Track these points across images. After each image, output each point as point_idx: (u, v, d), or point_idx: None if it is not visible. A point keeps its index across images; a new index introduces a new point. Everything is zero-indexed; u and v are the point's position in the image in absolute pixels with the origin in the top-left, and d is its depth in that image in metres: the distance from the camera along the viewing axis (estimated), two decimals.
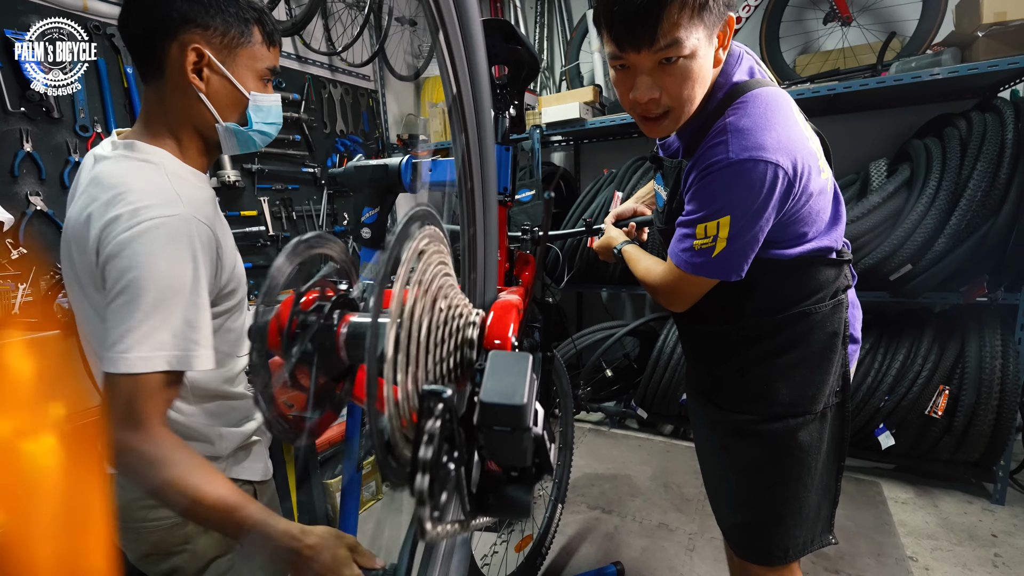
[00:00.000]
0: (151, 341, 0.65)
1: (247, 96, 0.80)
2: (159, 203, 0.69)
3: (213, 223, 0.76)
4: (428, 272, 0.41)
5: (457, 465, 0.32)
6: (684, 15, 0.73)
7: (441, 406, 0.31)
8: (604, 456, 2.64)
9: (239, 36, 0.77)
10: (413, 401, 0.37)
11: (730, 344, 1.00)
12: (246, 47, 0.78)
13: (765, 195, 0.79)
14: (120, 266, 0.66)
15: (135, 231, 0.66)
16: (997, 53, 1.90)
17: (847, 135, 2.64)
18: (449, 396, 0.31)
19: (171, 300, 0.66)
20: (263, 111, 0.82)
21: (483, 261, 0.54)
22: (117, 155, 0.75)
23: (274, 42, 0.83)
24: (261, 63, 0.81)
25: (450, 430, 0.31)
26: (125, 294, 0.65)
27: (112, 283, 0.66)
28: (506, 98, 1.01)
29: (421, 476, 0.28)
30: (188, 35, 0.74)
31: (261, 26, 0.80)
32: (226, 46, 0.76)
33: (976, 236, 1.85)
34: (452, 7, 0.40)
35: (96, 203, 0.69)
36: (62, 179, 1.75)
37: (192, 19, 0.73)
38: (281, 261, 0.42)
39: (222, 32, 0.75)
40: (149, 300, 0.65)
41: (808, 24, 2.69)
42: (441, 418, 0.30)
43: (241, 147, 0.84)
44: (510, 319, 0.43)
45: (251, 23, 0.78)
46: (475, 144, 0.46)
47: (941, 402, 2.01)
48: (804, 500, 1.00)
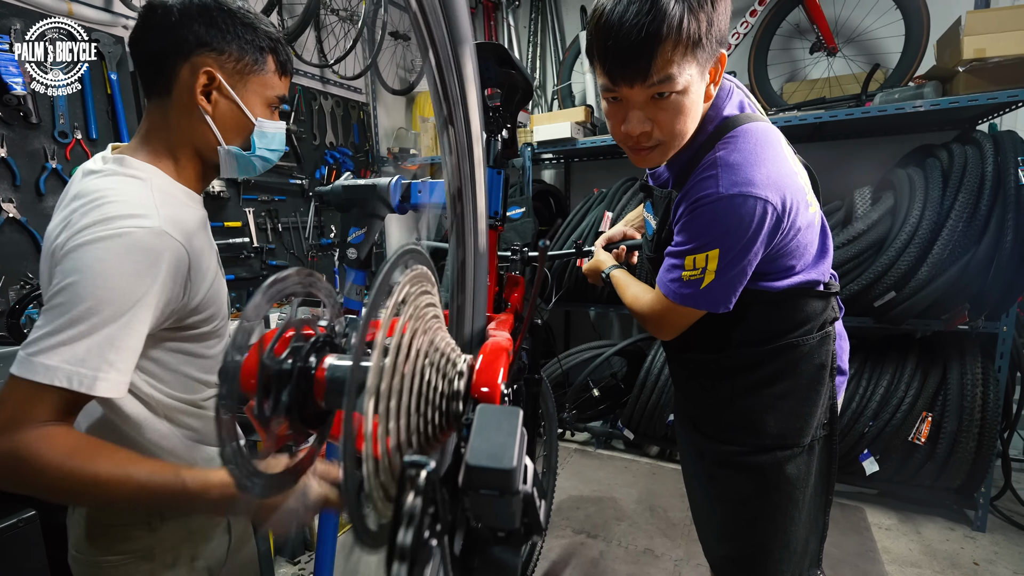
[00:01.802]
0: (63, 352, 0.60)
1: (253, 122, 0.80)
2: (132, 214, 0.67)
3: (191, 242, 0.73)
4: (415, 315, 0.39)
5: (440, 537, 0.30)
6: (677, 52, 0.73)
7: (424, 478, 0.28)
8: (590, 478, 2.60)
9: (252, 63, 0.78)
10: (395, 456, 0.35)
11: (718, 374, 1.00)
12: (258, 75, 0.79)
13: (754, 230, 0.80)
14: (66, 268, 0.63)
15: (95, 236, 0.64)
16: (976, 88, 1.96)
17: (832, 162, 2.69)
18: (433, 469, 0.29)
19: (103, 314, 0.62)
20: (267, 137, 0.83)
21: (472, 289, 0.52)
22: (107, 169, 0.73)
23: (286, 72, 0.84)
24: (271, 91, 0.82)
25: (433, 501, 0.29)
26: (60, 296, 0.62)
27: (55, 284, 0.63)
28: (499, 121, 1.00)
29: (399, 564, 0.26)
30: (202, 58, 0.74)
31: (275, 55, 0.81)
32: (238, 72, 0.77)
33: (958, 266, 1.88)
34: (447, 40, 0.38)
35: (75, 214, 0.67)
36: (37, 186, 1.69)
37: (208, 43, 0.74)
38: (258, 299, 0.39)
39: (236, 58, 0.76)
40: (81, 309, 0.61)
41: (795, 53, 2.76)
42: (423, 494, 0.28)
43: (241, 171, 0.84)
44: (499, 364, 0.41)
45: (266, 51, 0.79)
46: (467, 184, 0.44)
47: (924, 428, 2.03)
48: (791, 534, 0.99)
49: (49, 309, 0.62)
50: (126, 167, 0.74)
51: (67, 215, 0.68)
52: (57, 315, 0.61)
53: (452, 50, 0.42)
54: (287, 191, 2.66)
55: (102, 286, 0.62)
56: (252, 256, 2.45)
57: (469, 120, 0.45)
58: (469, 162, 0.46)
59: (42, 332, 0.61)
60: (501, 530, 0.34)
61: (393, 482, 0.35)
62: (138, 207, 0.68)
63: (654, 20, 0.71)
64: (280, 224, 2.60)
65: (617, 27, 0.73)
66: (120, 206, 0.67)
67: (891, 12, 2.38)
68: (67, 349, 0.60)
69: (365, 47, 3.03)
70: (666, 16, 0.71)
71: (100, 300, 0.62)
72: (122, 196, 0.68)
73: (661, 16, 0.71)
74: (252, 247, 2.45)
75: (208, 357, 0.81)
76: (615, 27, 0.73)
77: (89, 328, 0.61)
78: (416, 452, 0.38)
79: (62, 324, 0.61)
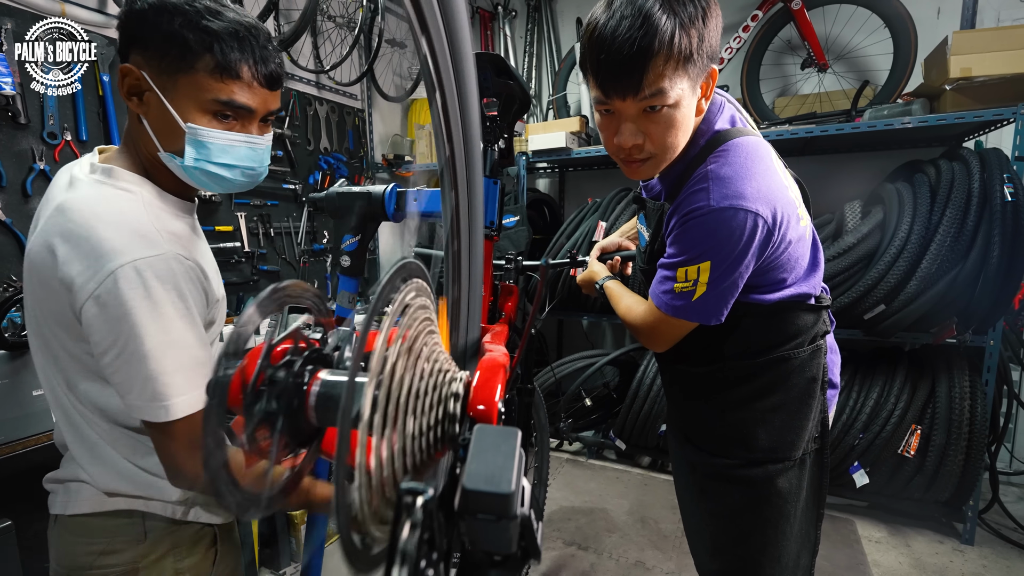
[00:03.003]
0: (177, 383, 0.66)
1: (182, 127, 0.71)
2: (137, 244, 0.66)
3: (192, 255, 0.72)
4: (412, 329, 0.38)
5: (436, 566, 0.29)
6: (669, 66, 0.74)
7: (420, 506, 0.27)
8: (581, 488, 2.59)
9: (178, 60, 0.69)
10: (387, 473, 0.34)
11: (710, 386, 1.00)
12: (187, 74, 0.70)
13: (745, 243, 0.80)
14: (110, 316, 0.63)
15: (115, 276, 0.63)
16: (963, 106, 2.00)
17: (822, 175, 2.73)
18: (430, 497, 0.28)
19: (174, 342, 0.66)
20: (207, 148, 0.72)
21: (467, 303, 0.51)
22: (93, 180, 0.71)
23: (233, 74, 0.71)
24: (207, 94, 0.70)
25: (430, 530, 0.28)
26: (123, 346, 0.64)
27: (103, 335, 0.64)
28: (496, 131, 1.00)
29: None
30: (133, 56, 0.71)
31: (213, 54, 0.69)
32: (164, 70, 0.69)
33: (945, 280, 1.90)
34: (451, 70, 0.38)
35: (62, 238, 0.65)
36: (24, 187, 1.66)
37: (137, 39, 0.70)
38: (251, 311, 0.38)
39: (160, 54, 0.69)
40: (152, 346, 0.64)
41: (787, 68, 2.80)
42: (420, 524, 0.27)
43: (196, 183, 0.77)
44: (496, 382, 0.40)
45: (196, 49, 0.69)
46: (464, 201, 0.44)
47: (913, 441, 2.04)
48: (783, 548, 0.99)
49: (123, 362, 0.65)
50: (114, 179, 0.71)
51: (52, 233, 0.66)
52: (137, 362, 0.64)
53: (457, 86, 0.42)
54: (280, 196, 2.64)
55: (155, 319, 0.65)
56: (243, 261, 2.43)
57: (470, 158, 0.45)
58: (468, 199, 0.47)
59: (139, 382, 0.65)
60: (498, 554, 0.33)
61: (386, 506, 0.34)
62: (138, 234, 0.67)
63: (646, 35, 0.72)
64: (272, 229, 2.58)
65: (610, 41, 0.74)
66: (119, 236, 0.65)
67: (880, 30, 2.43)
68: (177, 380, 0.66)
69: (361, 54, 3.03)
70: (658, 31, 0.72)
71: (162, 331, 0.66)
72: (115, 219, 0.67)
73: (653, 31, 0.72)
74: (243, 251, 2.42)
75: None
76: (608, 41, 0.74)
77: (175, 358, 0.66)
78: (411, 471, 0.37)
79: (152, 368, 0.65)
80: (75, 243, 0.64)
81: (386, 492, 0.33)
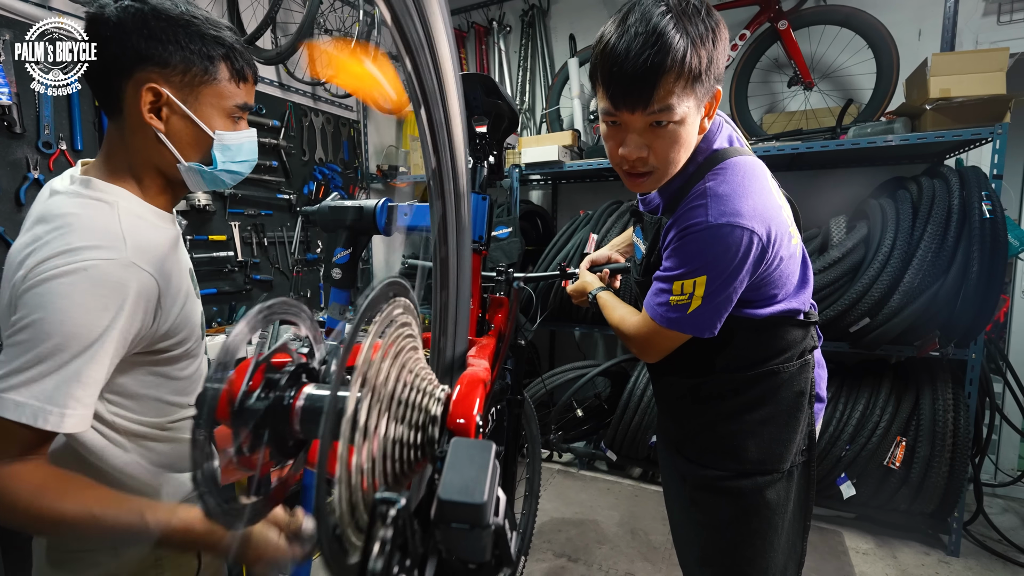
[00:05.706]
0: (33, 388, 0.60)
1: (212, 136, 0.75)
2: (98, 245, 0.65)
3: (160, 268, 0.71)
4: (395, 345, 0.40)
5: (410, 571, 0.30)
6: (678, 84, 0.77)
7: (394, 515, 0.29)
8: (572, 500, 2.59)
9: (202, 74, 0.71)
10: (368, 482, 0.35)
11: (701, 397, 1.02)
12: (210, 85, 0.73)
13: (740, 258, 0.83)
14: (30, 302, 0.62)
15: (60, 271, 0.62)
16: (943, 125, 2.05)
17: (809, 190, 2.78)
18: (403, 506, 0.30)
19: (70, 350, 0.62)
20: (231, 150, 0.78)
21: (455, 316, 0.53)
22: (72, 191, 0.71)
23: (244, 77, 0.77)
24: (228, 100, 0.75)
25: (403, 538, 0.29)
26: (25, 332, 0.61)
27: (18, 318, 0.62)
28: (486, 148, 1.02)
29: None
30: (145, 73, 0.69)
31: (229, 62, 0.74)
32: (187, 84, 0.71)
33: (928, 294, 1.95)
34: (436, 87, 0.40)
35: (38, 242, 0.65)
36: (18, 196, 1.67)
37: (149, 57, 0.68)
38: (241, 327, 0.40)
39: (182, 70, 0.70)
40: (47, 346, 0.61)
41: (774, 86, 2.86)
42: (394, 529, 0.28)
43: (209, 185, 0.80)
44: (475, 396, 0.42)
45: (217, 60, 0.72)
46: (451, 212, 0.46)
47: (899, 453, 2.07)
48: (770, 560, 1.00)
49: (13, 344, 0.61)
50: (92, 190, 0.71)
51: (29, 240, 0.66)
52: (23, 351, 0.61)
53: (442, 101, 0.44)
54: (274, 205, 2.66)
55: (68, 322, 0.61)
56: (236, 270, 2.43)
57: (456, 172, 0.47)
58: (455, 213, 0.48)
59: (8, 369, 0.61)
60: (472, 563, 0.35)
61: (365, 515, 0.35)
62: (104, 237, 0.66)
63: (659, 52, 0.74)
64: (266, 239, 2.59)
65: (623, 56, 0.76)
66: (85, 235, 0.65)
67: (863, 51, 2.50)
68: (36, 386, 0.60)
69: None
70: (671, 50, 0.74)
71: (66, 336, 0.61)
72: (87, 224, 0.67)
73: (666, 49, 0.74)
74: (236, 261, 2.42)
75: (180, 379, 0.80)
76: (621, 55, 0.76)
77: (56, 364, 0.61)
78: (391, 482, 0.39)
79: (29, 360, 0.60)
80: (45, 244, 0.64)
81: (366, 503, 0.35)
